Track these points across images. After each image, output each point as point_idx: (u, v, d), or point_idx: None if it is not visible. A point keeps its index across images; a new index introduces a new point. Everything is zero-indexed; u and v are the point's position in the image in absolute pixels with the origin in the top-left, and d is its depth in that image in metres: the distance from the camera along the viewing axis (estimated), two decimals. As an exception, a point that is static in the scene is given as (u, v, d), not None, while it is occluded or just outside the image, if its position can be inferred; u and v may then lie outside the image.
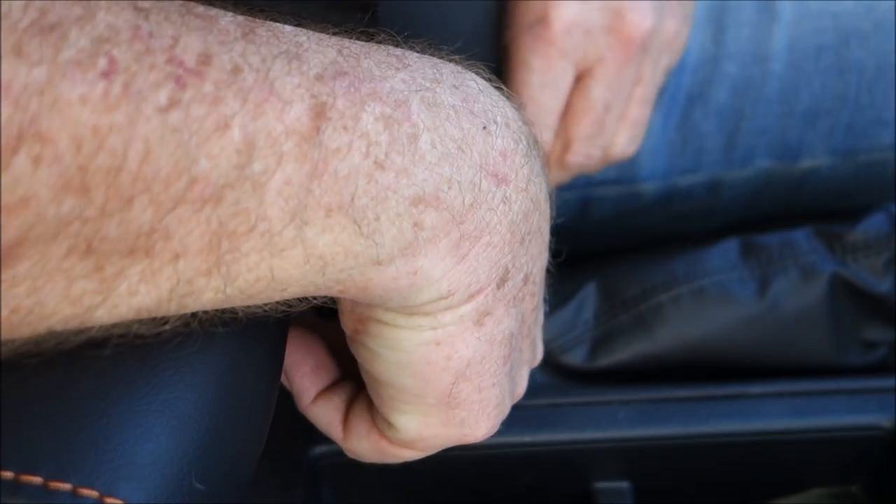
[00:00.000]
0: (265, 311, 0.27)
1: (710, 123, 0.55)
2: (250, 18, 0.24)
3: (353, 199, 0.24)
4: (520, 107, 0.30)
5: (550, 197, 0.31)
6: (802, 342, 0.53)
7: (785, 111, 0.55)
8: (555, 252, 0.33)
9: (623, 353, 0.52)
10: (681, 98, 0.55)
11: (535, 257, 0.30)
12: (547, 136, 0.46)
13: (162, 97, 0.21)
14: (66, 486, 0.23)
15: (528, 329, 0.32)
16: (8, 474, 0.22)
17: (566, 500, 0.52)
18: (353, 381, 0.36)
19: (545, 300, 0.34)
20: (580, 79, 0.46)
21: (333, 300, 0.29)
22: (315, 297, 0.27)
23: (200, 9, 0.23)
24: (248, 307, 0.26)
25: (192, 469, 0.25)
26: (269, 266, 0.24)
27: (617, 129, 0.48)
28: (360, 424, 0.34)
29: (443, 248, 0.26)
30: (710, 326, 0.52)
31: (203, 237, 0.22)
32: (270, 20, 0.25)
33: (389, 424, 0.32)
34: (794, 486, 0.54)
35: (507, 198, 0.27)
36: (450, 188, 0.26)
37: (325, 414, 0.35)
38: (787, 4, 0.55)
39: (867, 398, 0.49)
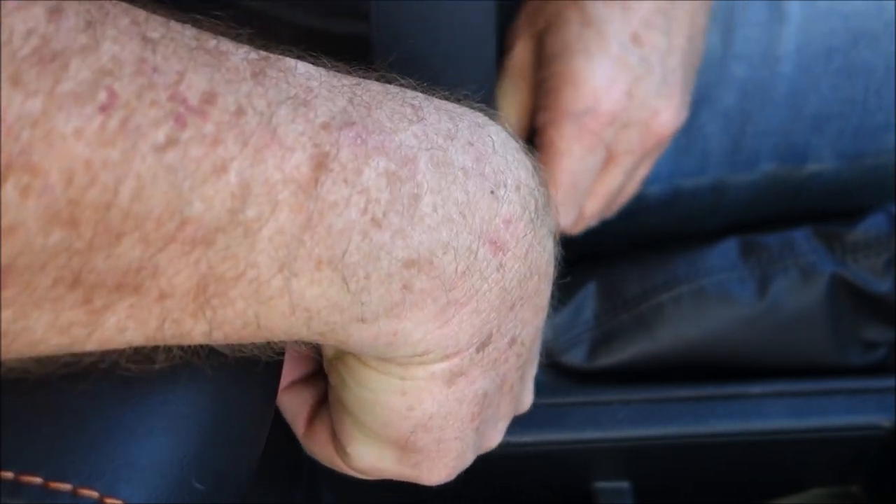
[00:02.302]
0: (254, 354, 0.26)
1: (716, 126, 0.55)
2: (264, 55, 0.23)
3: (344, 255, 0.23)
4: (537, 167, 0.29)
5: (556, 258, 0.30)
6: (802, 342, 0.53)
7: (793, 114, 0.55)
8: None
9: (623, 353, 0.52)
10: (686, 100, 0.55)
11: (527, 321, 0.29)
12: (574, 213, 0.47)
13: (160, 135, 0.20)
14: (67, 487, 0.23)
15: (510, 387, 0.31)
16: (8, 474, 0.22)
17: (566, 500, 0.52)
18: (325, 379, 0.35)
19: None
20: (604, 163, 0.46)
21: None
22: (298, 342, 0.27)
23: (212, 43, 0.22)
24: (238, 351, 0.26)
25: (192, 469, 0.25)
26: (255, 313, 0.23)
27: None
28: (321, 434, 0.34)
29: (428, 312, 0.26)
30: (710, 326, 0.52)
31: (191, 279, 0.22)
32: (281, 46, 0.24)
33: (345, 451, 0.32)
34: (794, 486, 0.54)
35: (501, 265, 0.27)
36: (444, 253, 0.25)
37: (292, 406, 0.35)
38: (795, 4, 0.55)
39: (867, 398, 0.49)
